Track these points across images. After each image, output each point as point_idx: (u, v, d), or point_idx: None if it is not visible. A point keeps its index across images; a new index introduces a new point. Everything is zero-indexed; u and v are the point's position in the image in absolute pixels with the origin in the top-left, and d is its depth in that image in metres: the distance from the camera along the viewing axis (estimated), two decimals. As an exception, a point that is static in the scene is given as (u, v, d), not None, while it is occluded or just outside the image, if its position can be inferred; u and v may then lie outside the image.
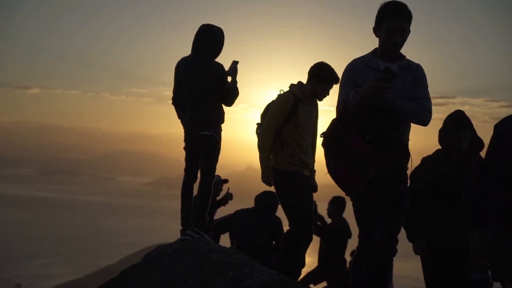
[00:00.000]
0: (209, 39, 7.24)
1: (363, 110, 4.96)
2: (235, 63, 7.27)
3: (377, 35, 5.18)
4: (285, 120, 7.08)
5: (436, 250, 6.31)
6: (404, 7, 5.05)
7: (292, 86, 7.25)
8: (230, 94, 7.23)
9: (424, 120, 5.12)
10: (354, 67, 5.23)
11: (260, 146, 7.16)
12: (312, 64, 7.22)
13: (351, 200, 5.27)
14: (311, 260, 7.57)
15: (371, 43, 5.30)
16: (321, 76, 7.10)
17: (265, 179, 7.16)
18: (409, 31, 5.12)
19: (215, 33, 7.27)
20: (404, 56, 5.25)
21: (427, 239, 6.35)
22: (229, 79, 7.24)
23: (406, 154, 5.16)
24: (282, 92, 7.27)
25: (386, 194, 5.09)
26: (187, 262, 6.22)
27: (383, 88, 4.81)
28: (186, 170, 7.44)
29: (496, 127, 4.02)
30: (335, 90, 6.60)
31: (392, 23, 5.03)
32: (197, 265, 6.07)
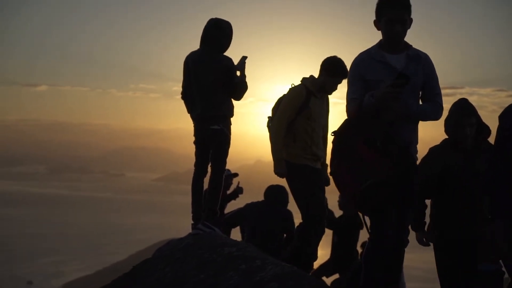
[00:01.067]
0: (218, 33, 7.24)
1: (375, 113, 4.99)
2: (243, 58, 7.28)
3: (378, 28, 5.18)
4: (297, 113, 7.13)
5: (449, 240, 6.30)
6: None
7: (304, 79, 7.29)
8: (239, 89, 7.23)
9: (438, 117, 5.32)
10: (361, 61, 5.23)
11: (272, 138, 7.21)
12: (320, 57, 7.28)
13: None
14: (323, 253, 7.58)
15: (379, 35, 5.29)
16: (332, 70, 7.16)
17: (278, 170, 7.21)
18: (410, 20, 5.11)
19: (223, 27, 7.26)
20: (411, 46, 5.24)
21: (439, 230, 6.34)
22: (238, 73, 7.26)
23: (412, 166, 5.20)
24: (293, 86, 7.30)
25: (397, 185, 5.08)
26: (199, 256, 6.24)
27: (398, 92, 4.86)
28: (196, 164, 7.44)
29: (500, 117, 4.04)
30: (343, 83, 6.62)
31: (391, 14, 5.03)
32: (209, 259, 6.08)
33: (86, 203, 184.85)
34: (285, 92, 7.37)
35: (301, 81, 7.30)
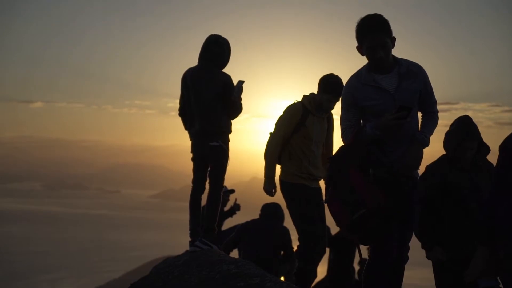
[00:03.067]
0: (218, 50, 7.27)
1: (370, 142, 4.99)
2: (240, 83, 7.28)
3: (362, 54, 5.09)
4: (293, 131, 7.06)
5: (448, 258, 6.28)
6: (377, 20, 4.96)
7: (304, 97, 7.23)
8: (233, 108, 7.24)
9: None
10: (352, 87, 5.16)
11: (266, 155, 7.17)
12: (317, 72, 7.32)
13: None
14: (319, 270, 7.55)
15: None
16: (324, 86, 7.11)
17: (267, 188, 7.16)
18: (393, 40, 5.02)
19: (223, 44, 7.30)
20: (400, 61, 5.14)
21: (440, 246, 6.31)
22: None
23: (408, 199, 5.20)
24: (294, 102, 7.24)
25: (397, 202, 5.09)
26: (197, 274, 6.22)
27: (401, 124, 4.90)
28: (194, 181, 7.42)
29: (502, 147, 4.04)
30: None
31: (371, 40, 4.94)
32: (208, 276, 6.07)
33: (81, 220, 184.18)
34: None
35: (301, 98, 7.24)
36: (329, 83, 7.10)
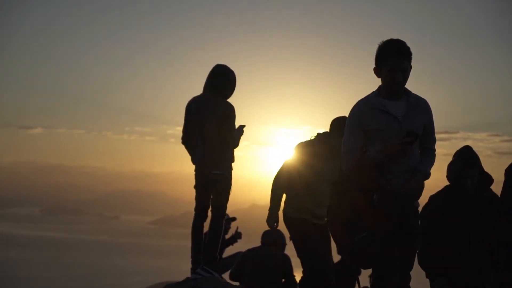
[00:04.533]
0: (224, 80, 7.35)
1: (374, 168, 5.02)
2: (241, 127, 7.40)
3: (378, 76, 5.15)
4: (303, 169, 6.92)
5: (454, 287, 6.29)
6: (403, 45, 5.03)
7: (318, 135, 7.06)
8: (230, 142, 7.28)
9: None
10: (360, 111, 5.16)
11: (271, 189, 7.07)
12: (317, 100, 7.25)
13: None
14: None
15: (378, 80, 5.24)
16: (340, 131, 6.97)
17: (269, 221, 7.07)
18: (410, 68, 5.08)
19: (228, 74, 7.38)
20: (410, 92, 5.21)
21: (443, 277, 6.32)
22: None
23: (411, 223, 5.24)
24: (311, 138, 7.07)
25: (400, 227, 5.11)
26: (200, 301, 6.24)
27: (407, 150, 4.97)
28: (196, 209, 7.44)
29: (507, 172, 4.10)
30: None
31: (393, 63, 4.99)
32: (209, 304, 6.10)
33: (80, 245, 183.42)
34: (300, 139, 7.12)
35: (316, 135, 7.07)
36: (337, 126, 6.88)
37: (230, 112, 7.27)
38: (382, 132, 5.06)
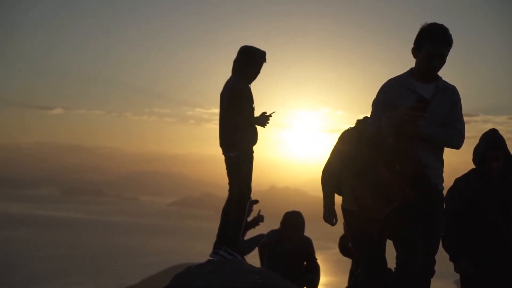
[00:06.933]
0: (244, 59, 7.24)
1: (394, 138, 4.99)
2: (264, 114, 7.29)
3: (415, 56, 5.14)
4: (349, 160, 6.35)
5: (477, 269, 6.27)
6: (445, 32, 5.02)
7: (357, 122, 6.57)
8: (240, 122, 7.12)
9: (455, 143, 5.15)
10: (390, 87, 5.20)
11: (321, 182, 6.61)
12: (337, 81, 7.03)
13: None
14: (337, 280, 7.46)
15: (400, 64, 5.12)
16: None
17: (325, 218, 6.60)
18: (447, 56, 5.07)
19: (251, 53, 7.25)
20: (440, 77, 5.22)
21: (469, 259, 6.30)
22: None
23: (435, 194, 5.18)
24: (348, 129, 6.63)
25: (425, 196, 5.08)
26: (223, 284, 6.22)
27: (417, 116, 4.85)
28: (229, 190, 7.40)
29: None
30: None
31: (433, 48, 5.00)
32: (232, 286, 6.08)
33: (99, 226, 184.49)
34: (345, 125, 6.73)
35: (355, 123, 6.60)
36: None
37: (235, 88, 7.10)
38: None
